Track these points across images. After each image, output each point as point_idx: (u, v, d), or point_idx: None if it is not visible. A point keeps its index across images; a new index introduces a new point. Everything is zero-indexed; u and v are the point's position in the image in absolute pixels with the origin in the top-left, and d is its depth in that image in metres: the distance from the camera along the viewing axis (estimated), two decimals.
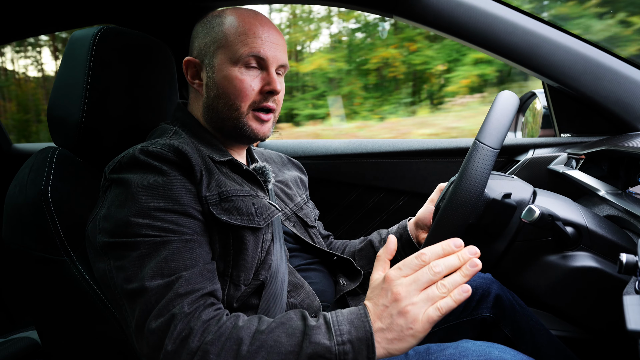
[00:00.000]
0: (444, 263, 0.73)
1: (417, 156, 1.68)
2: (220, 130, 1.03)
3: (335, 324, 0.74)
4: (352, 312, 0.76)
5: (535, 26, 1.26)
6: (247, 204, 0.93)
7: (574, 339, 1.36)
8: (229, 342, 0.73)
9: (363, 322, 0.73)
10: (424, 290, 0.72)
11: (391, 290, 0.73)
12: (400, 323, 0.72)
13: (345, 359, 0.72)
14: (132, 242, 0.81)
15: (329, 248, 1.30)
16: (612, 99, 1.24)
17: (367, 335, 0.72)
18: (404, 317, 0.71)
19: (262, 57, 0.97)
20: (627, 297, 0.61)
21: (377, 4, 1.35)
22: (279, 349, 0.72)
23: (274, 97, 1.00)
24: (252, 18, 0.99)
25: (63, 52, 1.07)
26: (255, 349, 0.72)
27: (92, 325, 0.94)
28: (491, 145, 0.81)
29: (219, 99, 0.99)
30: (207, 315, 0.76)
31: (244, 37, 0.97)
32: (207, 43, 1.00)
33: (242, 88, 0.97)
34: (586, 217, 0.91)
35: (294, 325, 0.75)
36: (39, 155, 1.01)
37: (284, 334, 0.74)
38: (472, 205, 0.80)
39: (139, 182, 0.84)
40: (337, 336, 0.72)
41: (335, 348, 0.72)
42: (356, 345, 0.72)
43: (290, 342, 0.73)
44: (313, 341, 0.72)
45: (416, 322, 0.71)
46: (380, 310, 0.74)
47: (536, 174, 1.47)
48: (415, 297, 0.72)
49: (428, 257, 0.74)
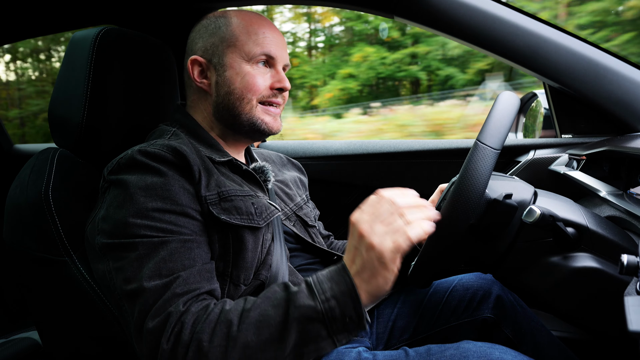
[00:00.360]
0: (404, 195, 0.78)
1: (418, 157, 1.68)
2: (232, 127, 1.04)
3: (317, 284, 0.76)
4: (331, 270, 0.78)
5: (536, 27, 1.26)
6: (246, 203, 0.93)
7: (575, 340, 1.36)
8: (219, 326, 0.74)
9: (342, 275, 0.76)
10: (387, 222, 0.75)
11: (356, 229, 0.77)
12: (370, 257, 0.74)
13: (333, 315, 0.73)
14: (130, 242, 0.81)
15: (330, 248, 1.30)
16: (613, 99, 1.24)
17: (349, 287, 0.74)
18: (372, 250, 0.74)
19: (272, 55, 1.02)
20: (628, 298, 0.61)
21: (377, 4, 1.35)
22: (268, 321, 0.74)
23: (282, 93, 1.04)
24: (258, 19, 1.03)
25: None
26: (245, 327, 0.73)
27: (93, 326, 0.94)
28: (492, 146, 0.81)
29: (230, 95, 1.01)
30: (196, 308, 0.77)
31: (255, 36, 1.00)
32: (214, 43, 1.01)
33: (255, 82, 1.00)
34: (587, 217, 0.91)
35: (278, 297, 0.77)
36: (40, 155, 1.01)
37: (269, 306, 0.75)
38: (473, 205, 0.80)
39: (137, 182, 0.84)
40: (320, 294, 0.74)
41: (321, 306, 0.73)
42: (340, 299, 0.74)
43: (278, 312, 0.74)
44: (298, 305, 0.74)
45: (384, 252, 0.73)
46: (352, 253, 0.77)
47: (537, 174, 1.47)
48: (379, 229, 0.75)
49: (387, 194, 0.78)
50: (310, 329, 0.74)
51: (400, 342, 1.18)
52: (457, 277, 1.24)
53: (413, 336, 1.18)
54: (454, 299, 1.18)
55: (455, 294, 1.19)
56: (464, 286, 1.19)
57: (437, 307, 1.19)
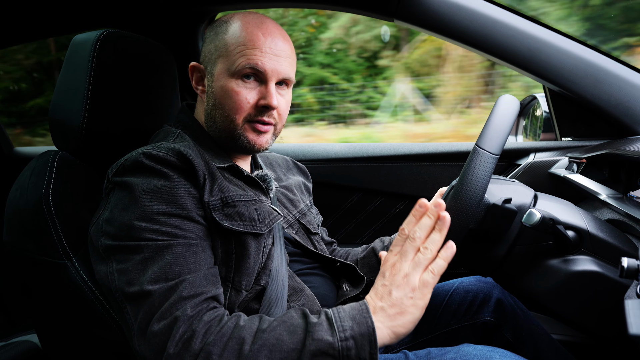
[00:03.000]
0: (419, 227, 0.79)
1: (418, 160, 1.68)
2: (218, 139, 1.02)
3: (338, 320, 0.75)
4: (353, 308, 0.78)
5: (536, 30, 1.27)
6: (249, 209, 0.93)
7: (575, 344, 1.36)
8: (231, 342, 0.73)
9: (365, 317, 0.75)
10: (412, 260, 0.78)
11: (387, 269, 0.79)
12: (399, 296, 0.76)
13: (348, 355, 0.73)
14: (135, 245, 0.80)
15: (332, 255, 1.29)
16: (612, 102, 1.24)
17: (369, 331, 0.74)
18: (401, 289, 0.76)
19: (259, 69, 0.94)
20: (629, 302, 0.61)
21: (377, 8, 1.35)
22: (281, 346, 0.73)
23: (269, 112, 0.97)
24: (256, 27, 0.96)
25: None
26: (257, 348, 0.72)
27: (93, 329, 0.94)
28: (491, 151, 0.81)
29: (216, 109, 0.99)
30: (208, 317, 0.76)
31: (243, 47, 0.94)
32: (210, 50, 1.00)
33: (237, 100, 0.95)
34: (587, 221, 0.91)
35: (295, 323, 0.76)
36: (40, 158, 1.01)
37: (285, 331, 0.74)
38: (472, 210, 0.80)
39: (142, 186, 0.84)
40: (340, 332, 0.74)
41: (339, 344, 0.73)
42: (359, 341, 0.73)
43: (293, 340, 0.73)
44: (316, 338, 0.73)
45: (414, 290, 0.76)
46: (381, 291, 0.78)
47: (537, 178, 1.47)
48: (407, 268, 0.77)
49: (406, 229, 0.80)
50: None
51: (401, 346, 1.17)
52: (457, 280, 1.24)
53: (413, 339, 1.18)
54: (454, 302, 1.18)
55: (455, 297, 1.19)
56: (464, 289, 1.19)
57: (437, 310, 1.18)
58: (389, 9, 1.32)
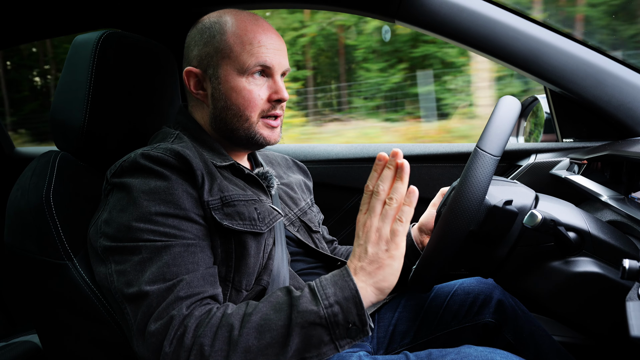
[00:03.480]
0: (381, 180, 0.79)
1: (419, 161, 1.68)
2: (230, 138, 1.02)
3: (320, 289, 0.77)
4: (334, 274, 0.79)
5: (537, 31, 1.26)
6: (249, 208, 0.93)
7: (576, 345, 1.36)
8: (220, 330, 0.74)
9: (346, 281, 0.77)
10: (381, 213, 0.78)
11: (359, 229, 0.80)
12: (374, 251, 0.78)
13: (336, 320, 0.74)
14: (133, 246, 0.81)
15: (333, 254, 1.29)
16: (614, 104, 1.24)
17: (353, 293, 0.75)
18: (375, 244, 0.78)
19: (268, 65, 0.98)
20: (630, 303, 0.61)
21: (378, 9, 1.35)
22: (270, 325, 0.74)
23: (281, 104, 1.01)
24: (253, 25, 0.98)
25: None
26: (246, 331, 0.74)
27: (93, 330, 0.94)
28: (492, 153, 0.81)
29: (227, 110, 0.99)
30: (199, 312, 0.77)
31: (250, 46, 0.96)
32: (209, 53, 0.99)
33: (251, 98, 0.97)
34: (588, 222, 0.90)
35: (280, 301, 0.77)
36: (41, 159, 1.01)
37: (271, 310, 0.76)
38: (473, 212, 0.80)
39: (140, 186, 0.84)
40: (324, 300, 0.75)
41: (324, 311, 0.74)
42: (344, 305, 0.75)
43: (280, 317, 0.75)
44: (301, 310, 0.74)
45: (388, 242, 0.78)
46: (357, 251, 0.80)
47: (538, 179, 1.46)
48: (377, 223, 0.78)
49: (370, 185, 0.80)
50: (313, 334, 0.74)
51: (401, 347, 1.17)
52: (458, 281, 1.24)
53: (414, 340, 1.18)
54: (455, 304, 1.18)
55: (456, 298, 1.18)
56: (465, 290, 1.19)
57: (438, 312, 1.18)
58: (390, 9, 1.32)
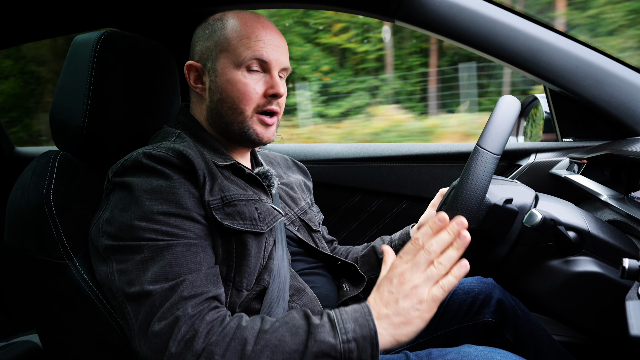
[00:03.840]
0: (436, 241, 0.76)
1: (419, 160, 1.68)
2: (224, 134, 1.03)
3: (340, 322, 0.75)
4: (355, 310, 0.77)
5: (537, 31, 1.27)
6: (250, 208, 0.93)
7: (576, 345, 1.36)
8: (234, 342, 0.73)
9: (367, 320, 0.75)
10: (424, 272, 0.76)
11: (395, 276, 0.77)
12: (406, 306, 0.75)
13: (350, 356, 0.73)
14: (135, 245, 0.81)
15: (333, 253, 1.29)
16: (613, 103, 1.24)
17: (371, 334, 0.74)
18: (409, 299, 0.75)
19: (265, 60, 0.98)
20: (630, 303, 0.61)
21: (378, 8, 1.35)
22: (284, 347, 0.73)
23: (277, 100, 1.01)
24: (254, 21, 1.00)
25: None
26: (260, 349, 0.73)
27: (94, 329, 0.94)
28: (492, 151, 0.81)
29: (222, 103, 0.99)
30: (210, 317, 0.76)
31: (247, 40, 0.97)
32: (209, 47, 1.00)
33: (246, 91, 0.97)
34: (588, 221, 0.91)
35: (297, 324, 0.76)
36: (41, 158, 1.01)
37: (287, 332, 0.75)
38: (473, 211, 0.80)
39: (142, 185, 0.84)
40: (342, 334, 0.74)
41: (341, 346, 0.73)
42: (361, 343, 0.73)
43: (295, 341, 0.74)
44: (318, 339, 0.73)
45: (422, 303, 0.75)
46: (387, 297, 0.77)
47: (538, 178, 1.47)
48: (417, 279, 0.75)
49: (421, 239, 0.77)
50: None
51: (401, 347, 1.17)
52: None
53: (414, 340, 1.18)
54: (454, 303, 1.18)
55: (456, 297, 1.19)
56: (464, 290, 1.19)
57: (438, 311, 1.18)
58: (390, 9, 1.32)
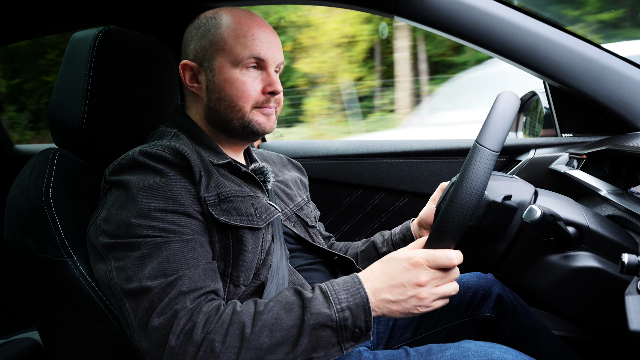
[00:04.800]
0: (425, 275, 0.81)
1: (418, 156, 1.68)
2: (224, 130, 1.03)
3: (333, 293, 0.79)
4: (346, 280, 0.81)
5: (536, 26, 1.26)
6: (246, 204, 0.93)
7: (576, 339, 1.36)
8: (232, 327, 0.75)
9: (358, 289, 0.79)
10: (440, 287, 0.81)
11: (417, 274, 0.80)
12: (411, 303, 0.80)
13: (345, 324, 0.77)
14: (133, 242, 0.81)
15: (332, 248, 1.30)
16: (613, 98, 1.23)
17: (364, 301, 0.78)
18: (417, 300, 0.80)
19: (262, 58, 0.99)
20: (629, 298, 0.61)
21: (377, 4, 1.34)
22: (281, 324, 0.76)
23: (275, 97, 1.02)
24: (248, 19, 1.00)
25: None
26: (258, 330, 0.75)
27: (94, 326, 0.94)
28: (491, 148, 0.80)
29: (220, 101, 0.99)
30: (207, 308, 0.78)
31: (244, 39, 0.98)
32: (204, 46, 1.00)
33: (245, 89, 0.98)
34: (588, 217, 0.91)
35: (290, 301, 0.79)
36: (40, 156, 1.01)
37: (282, 310, 0.77)
38: (472, 208, 0.80)
39: (138, 183, 0.84)
40: (336, 304, 0.77)
41: (336, 315, 0.77)
42: (354, 311, 0.77)
43: (291, 317, 0.76)
44: (314, 312, 0.76)
45: (425, 308, 0.81)
46: (396, 285, 0.80)
47: (537, 174, 1.47)
48: (434, 289, 0.81)
49: (456, 260, 0.81)
50: (322, 335, 0.76)
51: (401, 342, 1.18)
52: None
53: (414, 336, 1.18)
54: (454, 299, 1.18)
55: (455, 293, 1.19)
56: (464, 285, 1.19)
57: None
58: (390, 5, 1.31)
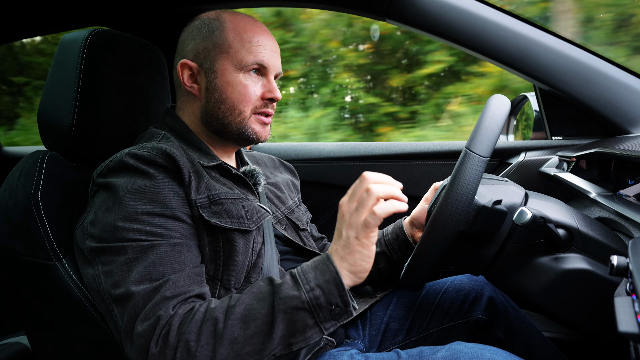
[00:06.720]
0: (379, 182, 0.79)
1: (410, 159, 1.68)
2: (219, 133, 1.03)
3: (301, 274, 0.78)
4: (315, 260, 0.81)
5: (526, 30, 1.27)
6: (237, 207, 0.93)
7: (566, 341, 1.37)
8: (205, 325, 0.75)
9: (326, 264, 0.78)
10: (358, 200, 0.79)
11: (340, 211, 0.82)
12: (347, 235, 0.79)
13: (318, 303, 0.75)
14: (119, 246, 0.80)
15: (324, 250, 1.29)
16: (602, 102, 1.25)
17: (333, 275, 0.77)
18: (350, 228, 0.79)
19: (265, 65, 1.00)
20: (618, 299, 0.61)
21: (369, 7, 1.35)
22: (254, 315, 0.75)
23: (273, 103, 1.02)
24: (253, 25, 1.01)
25: None
26: (231, 323, 0.74)
27: (83, 331, 0.93)
28: (481, 154, 0.81)
29: (220, 104, 0.99)
30: (182, 310, 0.77)
31: (249, 44, 0.98)
32: (206, 47, 1.00)
33: (246, 93, 0.99)
34: (577, 219, 0.91)
35: (262, 290, 0.78)
36: (29, 158, 1.00)
37: (254, 300, 0.77)
38: (462, 213, 0.80)
39: (126, 186, 0.83)
40: (305, 284, 0.76)
41: (305, 295, 0.75)
42: (325, 287, 0.76)
43: (263, 305, 0.76)
44: (283, 296, 0.75)
45: (358, 229, 0.78)
46: (336, 233, 0.81)
47: (528, 176, 1.48)
48: (352, 206, 0.80)
49: (367, 178, 0.80)
50: (296, 318, 0.75)
51: (394, 345, 1.17)
52: (449, 278, 1.24)
53: (406, 338, 1.18)
54: (446, 301, 1.18)
55: (447, 295, 1.19)
56: (456, 288, 1.19)
57: (429, 309, 1.19)
58: (381, 8, 1.32)
